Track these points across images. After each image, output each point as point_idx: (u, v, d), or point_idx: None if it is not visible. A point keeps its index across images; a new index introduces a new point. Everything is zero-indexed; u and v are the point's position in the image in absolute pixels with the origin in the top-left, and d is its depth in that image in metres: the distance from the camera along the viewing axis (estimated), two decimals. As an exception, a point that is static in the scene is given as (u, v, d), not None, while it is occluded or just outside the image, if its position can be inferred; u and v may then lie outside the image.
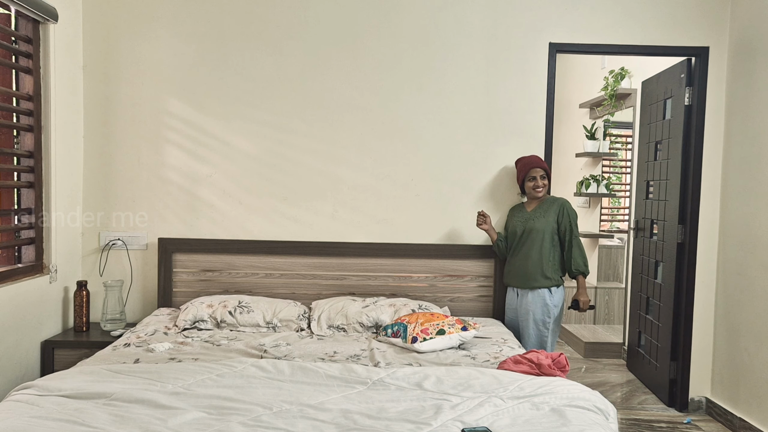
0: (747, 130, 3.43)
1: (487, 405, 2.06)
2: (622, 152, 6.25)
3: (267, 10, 3.50)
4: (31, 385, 2.12)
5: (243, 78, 3.52)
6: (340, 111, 3.54)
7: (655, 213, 4.12)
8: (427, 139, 3.56)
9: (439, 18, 3.53)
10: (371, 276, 3.56)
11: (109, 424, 1.85)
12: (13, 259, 3.08)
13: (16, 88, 3.08)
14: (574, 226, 3.29)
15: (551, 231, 3.29)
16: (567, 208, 3.31)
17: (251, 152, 3.54)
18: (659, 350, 3.95)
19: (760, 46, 3.31)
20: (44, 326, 3.18)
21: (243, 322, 3.16)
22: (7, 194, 3.09)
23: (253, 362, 2.43)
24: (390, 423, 1.91)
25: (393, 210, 3.59)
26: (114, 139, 3.52)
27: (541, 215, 3.31)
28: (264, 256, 3.54)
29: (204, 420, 1.91)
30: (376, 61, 3.53)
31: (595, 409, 2.07)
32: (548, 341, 3.29)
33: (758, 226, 3.29)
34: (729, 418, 3.51)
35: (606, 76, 5.11)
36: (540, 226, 3.29)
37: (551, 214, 3.30)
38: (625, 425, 3.50)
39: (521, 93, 3.57)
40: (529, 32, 3.55)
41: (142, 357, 2.64)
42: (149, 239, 3.55)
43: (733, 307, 3.52)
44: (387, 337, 2.95)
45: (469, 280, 3.58)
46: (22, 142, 3.11)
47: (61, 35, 3.24)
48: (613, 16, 3.56)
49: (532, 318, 3.29)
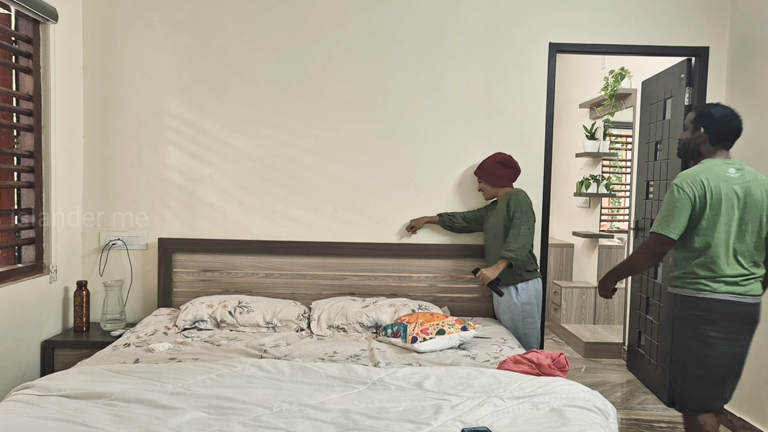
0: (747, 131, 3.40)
1: (487, 405, 2.06)
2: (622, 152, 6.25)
3: (267, 11, 3.50)
4: (31, 385, 2.12)
5: (243, 78, 3.52)
6: (340, 111, 3.54)
7: (655, 213, 4.12)
8: (427, 139, 3.56)
9: (439, 18, 3.53)
10: (371, 276, 3.56)
11: (109, 424, 1.85)
12: (13, 259, 3.08)
13: (16, 88, 3.08)
14: (521, 213, 3.16)
15: (504, 224, 3.23)
16: (514, 198, 3.21)
17: (251, 152, 3.54)
18: (659, 350, 3.95)
19: (760, 46, 3.32)
20: (44, 326, 3.18)
21: (243, 322, 3.16)
22: (7, 194, 3.09)
23: (253, 362, 2.43)
24: (390, 423, 1.91)
25: (393, 210, 3.59)
26: (114, 139, 3.52)
27: (496, 212, 3.32)
28: (264, 256, 3.54)
29: (204, 420, 1.91)
30: (376, 61, 3.53)
31: (595, 409, 2.07)
32: (531, 339, 3.24)
33: (758, 226, 3.28)
34: (729, 418, 3.51)
35: (606, 76, 5.11)
36: (494, 222, 3.30)
37: (503, 208, 3.26)
38: (625, 425, 3.50)
39: (521, 93, 3.57)
40: (529, 32, 3.55)
41: (142, 357, 2.64)
42: (149, 239, 3.55)
43: (733, 307, 3.51)
44: (387, 337, 2.95)
45: (469, 280, 3.58)
46: (22, 142, 3.11)
47: (61, 35, 3.24)
48: (613, 16, 3.56)
49: (506, 317, 3.28)
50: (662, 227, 2.46)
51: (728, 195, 2.42)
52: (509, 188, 3.36)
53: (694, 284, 2.47)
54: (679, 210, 2.43)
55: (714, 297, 2.43)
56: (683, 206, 2.42)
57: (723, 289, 2.43)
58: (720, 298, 2.42)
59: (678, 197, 2.43)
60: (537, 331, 3.29)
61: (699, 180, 2.43)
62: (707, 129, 2.53)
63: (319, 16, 3.51)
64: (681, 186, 2.44)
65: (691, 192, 2.42)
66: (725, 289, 2.43)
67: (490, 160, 3.35)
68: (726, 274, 2.43)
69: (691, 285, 2.48)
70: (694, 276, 2.47)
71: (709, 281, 2.44)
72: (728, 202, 2.42)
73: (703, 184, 2.42)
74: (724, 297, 2.42)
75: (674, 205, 2.44)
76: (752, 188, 2.44)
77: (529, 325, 3.24)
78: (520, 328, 3.24)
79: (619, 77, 4.96)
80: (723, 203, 2.41)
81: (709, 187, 2.42)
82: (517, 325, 3.24)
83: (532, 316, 3.25)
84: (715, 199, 2.41)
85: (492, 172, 3.33)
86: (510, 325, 3.27)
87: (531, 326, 3.24)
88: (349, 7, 3.52)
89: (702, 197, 2.42)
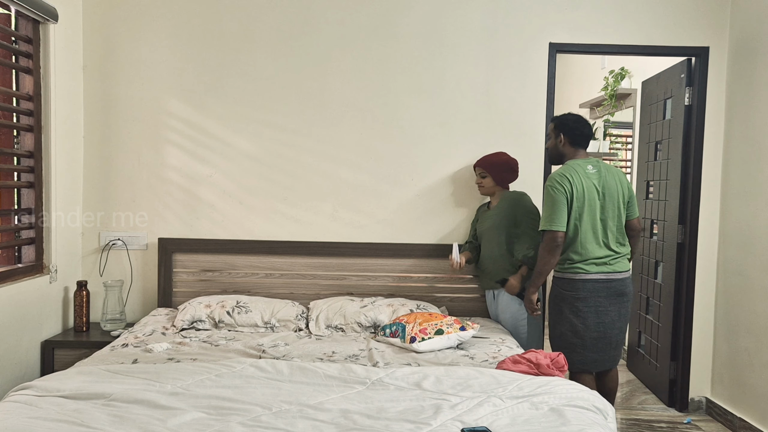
0: (747, 131, 3.43)
1: (487, 405, 2.06)
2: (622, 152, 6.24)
3: (267, 10, 3.51)
4: (30, 385, 2.12)
5: (243, 78, 3.52)
6: (340, 111, 3.54)
7: (655, 213, 4.12)
8: (427, 139, 3.56)
9: (439, 18, 3.53)
10: (371, 276, 3.56)
11: (108, 424, 1.85)
12: (13, 259, 3.08)
13: (16, 88, 3.08)
14: (526, 219, 3.19)
15: (506, 227, 3.22)
16: (520, 202, 3.23)
17: (251, 152, 3.54)
18: (659, 350, 3.95)
19: (760, 46, 3.31)
20: (44, 326, 3.18)
21: (241, 322, 3.16)
22: (7, 194, 3.09)
23: (252, 362, 2.43)
24: (389, 423, 1.91)
25: (393, 210, 3.59)
26: (114, 139, 3.52)
27: (496, 213, 3.29)
28: (264, 256, 3.54)
29: (203, 420, 1.91)
30: (376, 61, 3.54)
31: (594, 409, 2.07)
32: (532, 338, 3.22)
33: (758, 227, 3.29)
34: (729, 418, 3.50)
35: (606, 76, 5.11)
36: (494, 223, 3.26)
37: (504, 210, 3.25)
38: (625, 425, 3.50)
39: (521, 93, 3.56)
40: (529, 32, 3.54)
41: (140, 357, 2.64)
42: (149, 239, 3.55)
43: (733, 308, 3.52)
44: (385, 337, 2.95)
45: (469, 280, 3.58)
46: (22, 142, 3.11)
47: (61, 35, 3.24)
48: (613, 16, 3.56)
49: (506, 317, 3.28)
50: (550, 224, 2.89)
51: (589, 188, 2.91)
52: (505, 190, 3.36)
53: (571, 269, 2.94)
54: (559, 205, 2.88)
55: (587, 278, 2.92)
56: (561, 201, 2.88)
57: (594, 270, 2.92)
58: (591, 278, 2.92)
59: (555, 195, 2.89)
60: (539, 330, 3.28)
61: (566, 177, 2.90)
62: (566, 134, 3.04)
63: (319, 16, 3.51)
64: (554, 186, 2.91)
65: (562, 189, 2.89)
66: (596, 269, 2.92)
67: (499, 160, 3.33)
68: (596, 256, 2.92)
69: (569, 269, 2.95)
70: (571, 261, 2.94)
71: (582, 264, 2.92)
72: (590, 195, 2.91)
73: (570, 181, 2.89)
74: (596, 276, 2.92)
75: (554, 202, 2.89)
76: (608, 181, 2.95)
77: (531, 324, 3.24)
78: (521, 327, 3.23)
79: (619, 77, 4.96)
80: (586, 196, 2.90)
81: (574, 184, 2.89)
82: (518, 325, 3.24)
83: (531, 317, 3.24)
84: (580, 192, 2.89)
85: (500, 170, 3.32)
86: (510, 325, 3.27)
87: (532, 325, 3.24)
88: (349, 6, 3.52)
89: (570, 192, 2.89)
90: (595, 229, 2.92)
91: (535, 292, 3.03)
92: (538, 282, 3.00)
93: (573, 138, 3.02)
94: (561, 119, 3.07)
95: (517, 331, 3.23)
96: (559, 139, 3.06)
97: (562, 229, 2.87)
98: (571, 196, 2.88)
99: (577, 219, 2.90)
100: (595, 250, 2.92)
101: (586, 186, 2.90)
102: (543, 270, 2.97)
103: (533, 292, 3.02)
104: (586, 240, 2.91)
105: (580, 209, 2.89)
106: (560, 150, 3.07)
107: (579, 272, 2.92)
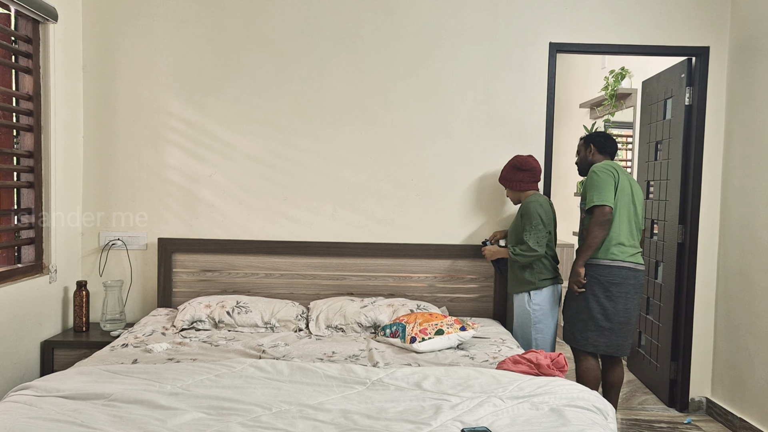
0: (747, 130, 3.43)
1: (487, 405, 2.05)
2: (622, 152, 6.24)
3: (267, 10, 3.50)
4: (29, 385, 2.12)
5: (243, 78, 3.52)
6: (340, 111, 3.54)
7: (655, 213, 4.12)
8: (427, 139, 3.56)
9: (439, 18, 3.53)
10: (371, 276, 3.56)
11: (108, 424, 1.85)
12: (13, 259, 3.08)
13: (16, 88, 3.08)
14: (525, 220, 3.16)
15: (515, 232, 3.24)
16: (525, 206, 3.20)
17: (251, 152, 3.54)
18: (659, 350, 3.94)
19: (760, 46, 3.31)
20: (44, 326, 3.18)
21: (241, 322, 3.15)
22: (7, 194, 3.09)
23: (252, 362, 2.43)
24: (390, 423, 1.91)
25: (393, 210, 3.58)
26: (114, 139, 3.52)
27: (514, 217, 3.34)
28: (264, 256, 3.54)
29: (203, 420, 1.91)
30: (377, 61, 3.53)
31: (594, 409, 2.07)
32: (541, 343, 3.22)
33: (758, 226, 3.29)
34: (729, 418, 3.50)
35: (606, 76, 5.11)
36: (510, 228, 3.33)
37: (518, 215, 3.26)
38: (625, 425, 3.50)
39: (521, 93, 3.56)
40: (529, 32, 3.54)
41: (140, 357, 2.63)
42: (149, 239, 3.55)
43: (733, 307, 3.52)
44: (385, 337, 2.95)
45: (469, 280, 3.58)
46: (22, 142, 3.11)
47: (61, 35, 3.24)
48: (613, 16, 3.56)
49: (515, 320, 3.30)
50: (599, 199, 3.04)
51: (626, 184, 3.12)
52: (532, 191, 3.29)
53: (609, 255, 3.09)
54: (606, 184, 3.05)
55: (622, 265, 3.08)
56: (608, 181, 3.06)
57: (628, 259, 3.09)
58: (625, 266, 3.08)
59: (603, 177, 3.07)
60: (548, 336, 3.25)
61: (612, 167, 3.12)
62: (594, 144, 3.28)
63: (319, 16, 3.51)
64: (602, 170, 3.09)
65: (610, 173, 3.08)
66: (630, 259, 3.09)
67: (507, 165, 3.34)
68: (629, 245, 3.11)
69: (606, 256, 3.09)
70: (606, 247, 3.09)
71: (618, 252, 3.08)
72: (626, 189, 3.11)
73: (616, 171, 3.10)
74: (628, 265, 3.09)
75: (601, 182, 3.06)
76: (634, 183, 3.18)
77: (540, 330, 3.22)
78: (529, 332, 3.23)
79: (620, 77, 4.96)
80: (624, 190, 3.09)
81: (618, 175, 3.09)
82: (526, 329, 3.23)
83: (543, 322, 3.22)
84: (621, 184, 3.09)
85: (509, 177, 3.31)
86: (518, 328, 3.27)
87: (541, 331, 3.23)
88: (349, 7, 3.51)
89: (616, 180, 3.08)
90: (629, 220, 3.12)
91: (582, 266, 3.11)
92: (586, 255, 3.10)
93: (601, 146, 3.27)
94: (588, 135, 3.39)
95: (525, 335, 3.23)
96: (588, 149, 3.30)
97: (610, 203, 3.03)
98: (617, 184, 3.07)
99: (616, 208, 3.08)
100: (628, 240, 3.11)
101: (624, 181, 3.11)
102: (593, 243, 3.08)
103: (581, 265, 3.11)
104: (621, 230, 3.09)
105: (619, 199, 3.08)
106: (589, 160, 3.29)
107: (615, 259, 3.08)
